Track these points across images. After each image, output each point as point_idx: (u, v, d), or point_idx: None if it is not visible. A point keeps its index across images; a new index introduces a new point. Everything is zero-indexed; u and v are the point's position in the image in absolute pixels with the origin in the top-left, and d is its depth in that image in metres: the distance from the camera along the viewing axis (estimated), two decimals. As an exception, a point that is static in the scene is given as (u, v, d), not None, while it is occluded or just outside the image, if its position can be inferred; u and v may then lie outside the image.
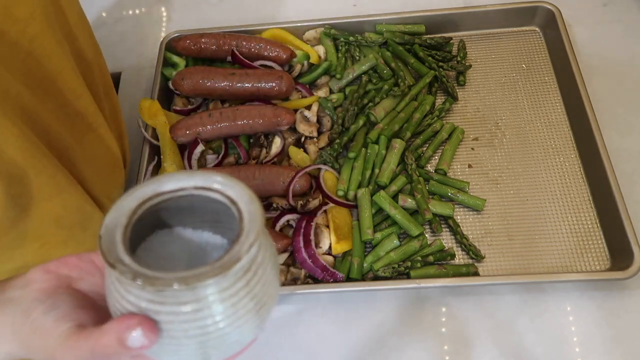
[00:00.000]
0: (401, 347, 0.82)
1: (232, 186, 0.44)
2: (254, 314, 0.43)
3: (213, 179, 0.45)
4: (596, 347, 0.80)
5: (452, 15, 1.10)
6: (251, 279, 0.41)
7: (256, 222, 0.42)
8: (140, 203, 0.44)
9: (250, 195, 0.44)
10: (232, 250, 0.40)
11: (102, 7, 1.29)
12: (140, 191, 0.44)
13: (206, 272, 0.38)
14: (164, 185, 0.45)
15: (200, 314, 0.40)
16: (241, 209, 0.43)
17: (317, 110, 1.00)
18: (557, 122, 1.00)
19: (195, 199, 0.45)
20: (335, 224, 0.88)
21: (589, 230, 0.88)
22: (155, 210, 0.45)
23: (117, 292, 0.41)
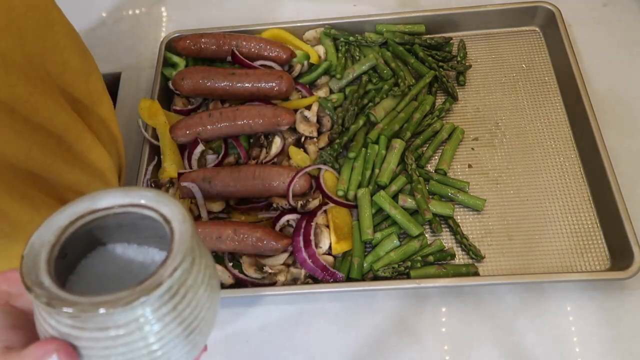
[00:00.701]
0: (401, 347, 0.82)
1: (166, 203, 0.43)
2: (183, 339, 0.41)
3: (148, 196, 0.43)
4: (596, 347, 0.79)
5: (452, 15, 1.10)
6: (178, 303, 0.40)
7: (185, 243, 0.40)
8: (72, 220, 0.42)
9: (183, 214, 0.42)
10: (156, 274, 0.38)
11: (102, 7, 1.29)
12: (72, 208, 0.43)
13: (125, 296, 0.37)
14: (98, 202, 0.43)
15: (122, 339, 0.38)
16: (173, 228, 0.41)
17: (317, 110, 1.00)
18: (557, 122, 1.00)
19: (131, 216, 0.44)
20: (335, 224, 0.88)
21: (589, 230, 0.88)
22: (93, 227, 0.44)
23: (40, 314, 0.40)
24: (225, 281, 0.87)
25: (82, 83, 0.81)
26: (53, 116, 0.71)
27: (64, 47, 0.76)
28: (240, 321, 0.86)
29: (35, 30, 0.68)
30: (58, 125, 0.73)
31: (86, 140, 0.79)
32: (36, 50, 0.69)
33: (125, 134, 1.07)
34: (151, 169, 0.96)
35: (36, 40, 0.68)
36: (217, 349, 0.84)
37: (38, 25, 0.68)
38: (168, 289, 0.38)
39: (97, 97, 0.85)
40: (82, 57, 0.82)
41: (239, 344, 0.84)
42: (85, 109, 0.82)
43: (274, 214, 0.92)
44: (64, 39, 0.75)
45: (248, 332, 0.85)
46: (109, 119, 0.89)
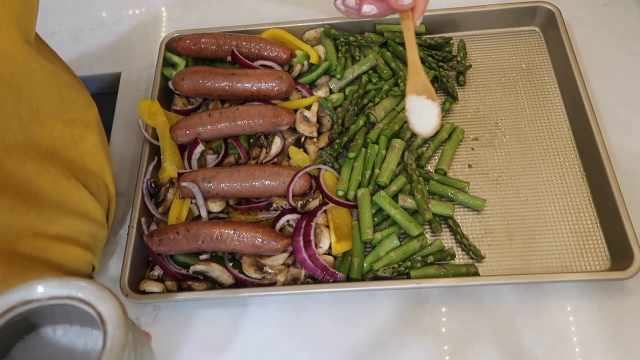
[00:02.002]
0: (401, 347, 0.82)
1: (104, 301, 0.42)
2: None
3: (86, 291, 0.42)
4: (596, 347, 0.80)
5: (452, 15, 1.10)
6: None
7: (115, 352, 0.39)
8: (6, 310, 0.41)
9: (120, 317, 0.41)
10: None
11: (102, 7, 1.29)
12: (5, 298, 0.42)
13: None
14: (34, 292, 0.42)
15: None
16: (107, 330, 0.40)
17: (317, 110, 1.00)
18: (557, 122, 1.00)
19: (68, 308, 0.43)
20: (335, 224, 0.88)
21: (589, 230, 0.88)
22: (29, 314, 0.43)
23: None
24: (225, 281, 0.87)
25: (59, 123, 0.79)
26: (21, 166, 0.70)
27: (41, 93, 0.75)
28: (240, 321, 0.86)
29: (10, 81, 0.67)
30: (29, 174, 0.72)
31: (63, 184, 0.78)
32: (8, 99, 0.68)
33: (125, 134, 1.08)
34: (151, 169, 0.96)
35: (10, 90, 0.68)
36: (217, 349, 0.84)
37: (13, 77, 0.68)
38: None
39: (80, 133, 0.84)
40: (61, 98, 0.80)
41: (239, 344, 0.84)
42: (64, 147, 0.81)
43: (274, 214, 0.92)
44: (44, 85, 0.74)
45: (248, 332, 0.85)
46: (95, 152, 0.86)
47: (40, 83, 0.73)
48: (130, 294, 0.84)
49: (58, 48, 1.21)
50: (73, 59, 1.20)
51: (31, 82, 0.72)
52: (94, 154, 0.87)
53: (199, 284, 0.86)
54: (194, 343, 0.85)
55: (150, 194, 0.95)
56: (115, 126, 1.09)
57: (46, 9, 1.29)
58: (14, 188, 0.70)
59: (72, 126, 0.82)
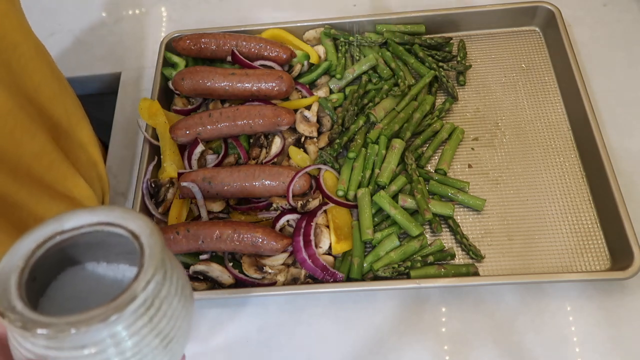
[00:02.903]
0: (401, 347, 0.82)
1: (133, 219, 0.43)
2: (162, 350, 0.42)
3: (114, 214, 0.44)
4: (596, 347, 0.80)
5: (452, 15, 1.10)
6: (154, 315, 0.40)
7: (155, 256, 0.40)
8: (40, 244, 0.42)
9: (151, 228, 0.42)
10: (129, 289, 0.38)
11: (102, 7, 1.29)
12: (38, 232, 0.43)
13: (100, 314, 0.37)
14: (65, 224, 0.43)
15: (101, 355, 0.38)
16: (143, 243, 0.42)
17: (317, 110, 1.00)
18: (557, 122, 1.00)
19: (100, 234, 0.44)
20: (335, 224, 0.88)
21: (589, 230, 0.88)
22: (61, 248, 0.44)
23: (15, 339, 0.40)
24: (225, 281, 0.87)
25: (59, 106, 0.79)
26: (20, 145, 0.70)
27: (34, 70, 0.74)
28: (240, 321, 0.86)
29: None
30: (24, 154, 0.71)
31: (60, 169, 0.78)
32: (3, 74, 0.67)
33: (125, 134, 1.08)
34: (151, 169, 0.96)
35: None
36: (217, 349, 0.84)
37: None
38: (142, 302, 0.39)
39: (76, 122, 0.84)
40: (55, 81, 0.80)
41: (239, 344, 0.84)
42: (64, 132, 0.80)
43: (274, 214, 0.92)
44: (32, 62, 0.73)
45: (248, 332, 0.85)
46: (89, 143, 0.87)
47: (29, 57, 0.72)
48: (130, 294, 0.84)
49: (58, 48, 1.22)
50: (73, 59, 1.20)
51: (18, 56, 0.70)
52: (88, 144, 0.88)
53: (199, 284, 0.86)
54: (194, 343, 0.85)
55: (150, 194, 0.95)
56: (115, 126, 1.09)
57: (46, 9, 1.29)
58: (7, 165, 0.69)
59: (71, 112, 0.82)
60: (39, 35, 0.82)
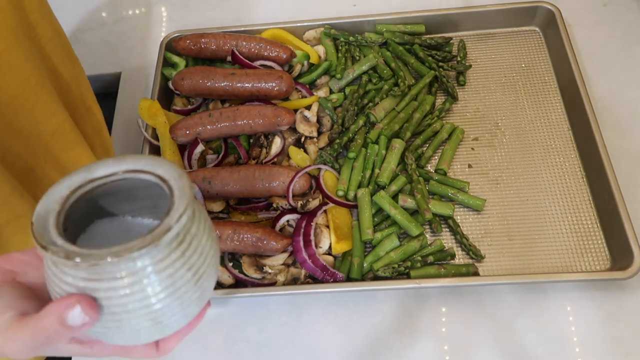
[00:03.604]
0: (401, 347, 0.82)
1: (161, 165, 0.45)
2: (193, 285, 0.43)
3: (142, 161, 0.45)
4: (596, 347, 0.80)
5: (452, 15, 1.10)
6: (186, 250, 0.42)
7: (185, 194, 0.42)
8: (73, 190, 0.44)
9: (179, 172, 0.44)
10: (163, 222, 0.40)
11: (102, 7, 1.29)
12: (70, 179, 0.45)
13: (138, 244, 0.39)
14: (94, 172, 0.45)
15: (138, 286, 0.40)
16: (171, 185, 0.43)
17: (317, 110, 1.00)
18: (557, 122, 1.00)
19: (128, 182, 0.45)
20: (335, 224, 0.88)
21: (589, 230, 0.88)
22: (90, 198, 0.45)
23: (55, 275, 0.41)
24: (225, 281, 0.87)
25: (76, 88, 0.80)
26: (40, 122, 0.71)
27: (52, 51, 0.74)
28: (240, 321, 0.86)
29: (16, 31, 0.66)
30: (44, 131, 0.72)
31: (76, 150, 0.79)
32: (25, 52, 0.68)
33: (125, 134, 1.08)
34: (151, 169, 0.96)
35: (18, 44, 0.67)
36: (217, 349, 0.84)
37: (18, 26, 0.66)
38: (176, 235, 0.40)
39: (90, 105, 0.85)
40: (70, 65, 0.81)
41: (239, 344, 0.84)
42: (81, 116, 0.82)
43: (274, 214, 0.92)
44: (50, 43, 0.74)
45: (248, 332, 0.85)
46: (102, 128, 0.88)
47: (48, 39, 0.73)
48: (130, 294, 0.84)
49: (58, 48, 1.22)
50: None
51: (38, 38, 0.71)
52: (99, 130, 0.88)
53: (199, 284, 0.86)
54: (194, 343, 0.85)
55: (150, 194, 0.95)
56: (115, 126, 1.09)
57: (46, 9, 1.29)
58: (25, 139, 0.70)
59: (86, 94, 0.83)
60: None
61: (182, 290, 0.42)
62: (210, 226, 0.47)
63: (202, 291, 0.45)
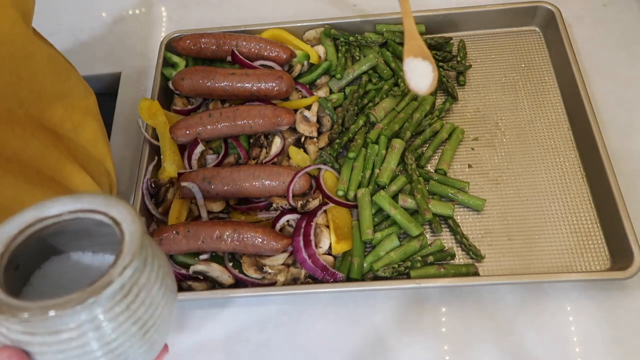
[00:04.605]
0: (401, 347, 0.82)
1: (116, 206, 0.43)
2: (139, 339, 0.41)
3: (97, 201, 0.43)
4: (596, 347, 0.80)
5: (452, 15, 1.10)
6: (132, 302, 0.40)
7: (134, 243, 0.40)
8: (21, 229, 0.42)
9: (133, 215, 0.42)
10: (107, 274, 0.38)
11: (102, 7, 1.29)
12: (19, 218, 0.43)
13: (75, 298, 0.36)
14: (47, 210, 0.43)
15: (76, 342, 0.38)
16: (123, 229, 0.41)
17: (317, 110, 1.00)
18: (557, 122, 1.00)
19: (83, 222, 0.44)
20: (335, 224, 0.88)
21: (589, 230, 0.88)
22: (43, 236, 0.43)
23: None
24: (225, 281, 0.87)
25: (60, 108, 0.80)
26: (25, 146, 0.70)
27: (43, 75, 0.75)
28: (240, 321, 0.86)
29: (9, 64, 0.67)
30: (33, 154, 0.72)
31: (66, 167, 0.78)
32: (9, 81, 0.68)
33: (125, 134, 1.08)
34: (151, 169, 0.96)
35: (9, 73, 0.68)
36: (217, 349, 0.84)
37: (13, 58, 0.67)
38: (120, 287, 0.38)
39: (80, 120, 0.84)
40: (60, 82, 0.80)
41: (239, 344, 0.84)
42: (65, 133, 0.81)
43: (274, 214, 0.92)
44: (43, 68, 0.74)
45: (248, 332, 0.85)
46: (95, 139, 0.87)
47: (40, 66, 0.73)
48: (130, 294, 0.84)
49: (58, 48, 1.21)
50: (73, 59, 1.20)
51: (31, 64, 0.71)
52: (94, 141, 0.88)
53: (199, 284, 0.86)
54: (194, 343, 0.85)
55: (150, 194, 0.95)
56: (115, 126, 1.09)
57: (46, 9, 1.29)
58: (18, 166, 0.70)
59: (72, 112, 0.83)
60: (39, 36, 0.82)
61: (126, 345, 0.40)
62: (166, 272, 0.45)
63: (150, 344, 0.43)
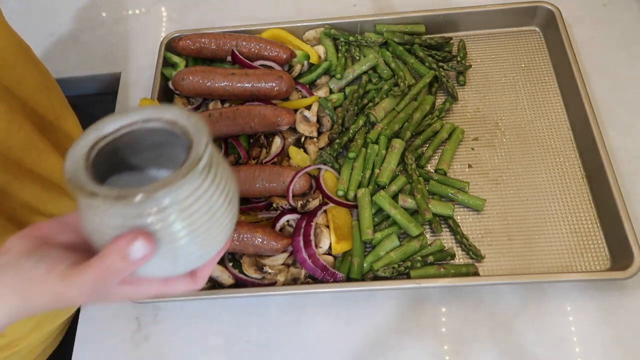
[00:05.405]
0: (401, 347, 0.82)
1: (167, 110, 0.47)
2: (226, 208, 0.47)
3: (147, 111, 0.47)
4: (596, 347, 0.80)
5: (452, 15, 1.10)
6: (215, 176, 0.45)
7: (202, 129, 0.45)
8: (90, 148, 0.46)
9: (186, 113, 0.46)
10: (192, 154, 0.43)
11: (102, 7, 1.29)
12: (84, 139, 0.46)
13: (178, 174, 0.41)
14: (103, 129, 0.47)
15: (185, 213, 0.43)
16: (184, 124, 0.46)
17: (317, 110, 1.00)
18: (557, 122, 1.00)
19: (140, 133, 0.47)
20: (335, 224, 0.88)
21: (589, 230, 0.88)
22: (105, 153, 0.47)
23: (102, 223, 0.43)
24: (225, 281, 0.87)
25: (43, 97, 0.80)
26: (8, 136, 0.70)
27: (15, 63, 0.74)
28: (240, 321, 0.86)
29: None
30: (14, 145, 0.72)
31: (49, 160, 0.78)
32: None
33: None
34: (151, 169, 0.96)
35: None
36: (217, 349, 0.84)
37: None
38: (208, 161, 0.43)
39: (61, 112, 0.85)
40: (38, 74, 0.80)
41: (239, 344, 0.84)
42: (49, 124, 0.81)
43: (274, 214, 0.92)
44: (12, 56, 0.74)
45: (248, 332, 0.85)
46: (75, 134, 0.88)
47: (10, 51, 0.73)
48: (130, 294, 0.84)
49: (58, 48, 1.22)
50: (73, 59, 1.20)
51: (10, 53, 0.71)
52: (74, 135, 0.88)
53: (199, 284, 0.86)
54: (194, 343, 0.85)
55: (150, 194, 0.95)
56: (115, 126, 1.09)
57: (46, 9, 1.29)
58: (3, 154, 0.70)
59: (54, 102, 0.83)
60: (39, 35, 0.82)
61: (219, 213, 0.46)
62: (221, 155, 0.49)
63: (232, 214, 0.48)
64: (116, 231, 0.42)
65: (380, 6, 1.17)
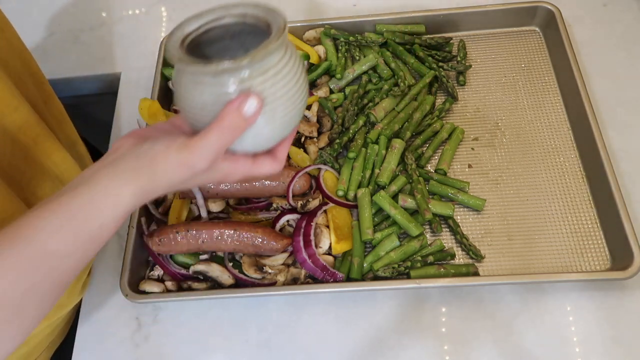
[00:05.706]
0: (401, 347, 0.82)
1: (235, 7, 0.54)
2: (303, 80, 0.54)
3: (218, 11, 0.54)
4: (596, 347, 0.80)
5: (452, 15, 1.10)
6: (292, 52, 0.52)
7: (272, 10, 0.52)
8: (181, 42, 0.52)
9: (253, 3, 0.53)
10: (273, 29, 0.49)
11: (102, 7, 1.29)
12: (173, 36, 0.53)
13: (271, 41, 0.48)
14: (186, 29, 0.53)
15: (280, 75, 0.50)
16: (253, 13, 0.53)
17: (317, 110, 1.00)
18: (557, 122, 1.00)
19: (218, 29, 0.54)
20: (335, 224, 0.88)
21: (589, 230, 0.88)
22: (193, 48, 0.53)
23: (211, 95, 0.49)
24: (225, 281, 0.87)
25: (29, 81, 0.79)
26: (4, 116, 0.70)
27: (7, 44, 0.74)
28: (240, 321, 0.86)
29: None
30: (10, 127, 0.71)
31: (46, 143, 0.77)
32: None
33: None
34: (151, 169, 0.96)
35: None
36: (217, 349, 0.84)
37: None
38: (286, 32, 0.50)
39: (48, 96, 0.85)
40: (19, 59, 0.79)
41: (239, 344, 0.84)
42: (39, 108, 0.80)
43: (274, 214, 0.92)
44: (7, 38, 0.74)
45: (248, 332, 0.85)
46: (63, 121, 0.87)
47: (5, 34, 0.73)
48: (130, 294, 0.84)
49: (58, 48, 1.22)
50: (73, 59, 1.20)
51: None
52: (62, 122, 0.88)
53: (199, 284, 0.86)
54: (194, 343, 0.85)
55: (150, 194, 0.95)
56: (115, 126, 1.09)
57: (46, 9, 1.29)
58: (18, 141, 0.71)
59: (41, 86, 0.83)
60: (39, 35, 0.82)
61: (299, 83, 0.53)
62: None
63: (307, 91, 0.55)
64: (228, 97, 0.48)
65: (380, 6, 1.17)
